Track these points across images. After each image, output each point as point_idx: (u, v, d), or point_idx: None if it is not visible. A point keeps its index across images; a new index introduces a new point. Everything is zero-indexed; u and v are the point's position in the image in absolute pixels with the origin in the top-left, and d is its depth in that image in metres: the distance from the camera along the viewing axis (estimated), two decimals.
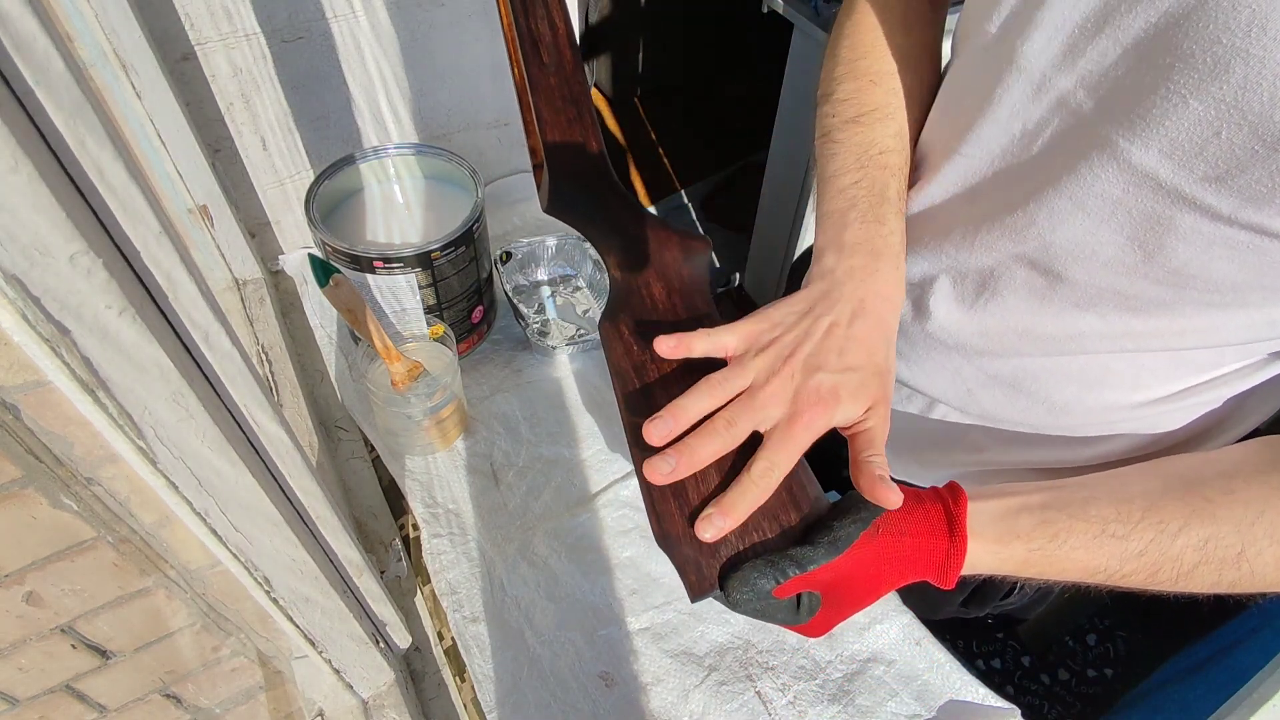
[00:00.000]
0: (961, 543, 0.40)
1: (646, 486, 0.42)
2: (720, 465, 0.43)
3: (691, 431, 0.43)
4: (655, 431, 0.42)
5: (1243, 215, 0.39)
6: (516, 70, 0.56)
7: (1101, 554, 0.40)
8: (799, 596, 0.41)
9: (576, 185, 0.52)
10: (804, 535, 0.42)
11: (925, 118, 0.57)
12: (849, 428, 0.45)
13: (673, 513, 0.42)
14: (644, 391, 0.46)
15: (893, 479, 0.42)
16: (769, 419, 0.43)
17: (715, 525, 0.41)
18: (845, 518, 0.41)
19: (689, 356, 0.46)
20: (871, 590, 0.42)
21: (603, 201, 0.52)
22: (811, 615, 0.42)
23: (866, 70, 0.56)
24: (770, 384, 0.44)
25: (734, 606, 0.41)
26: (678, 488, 0.43)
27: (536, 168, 0.55)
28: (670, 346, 0.45)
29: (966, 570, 0.41)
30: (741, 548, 0.42)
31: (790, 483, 0.44)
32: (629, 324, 0.48)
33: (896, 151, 0.54)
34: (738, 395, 0.44)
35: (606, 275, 0.52)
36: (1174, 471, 0.43)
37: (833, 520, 0.42)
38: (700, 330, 0.46)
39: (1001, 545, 0.41)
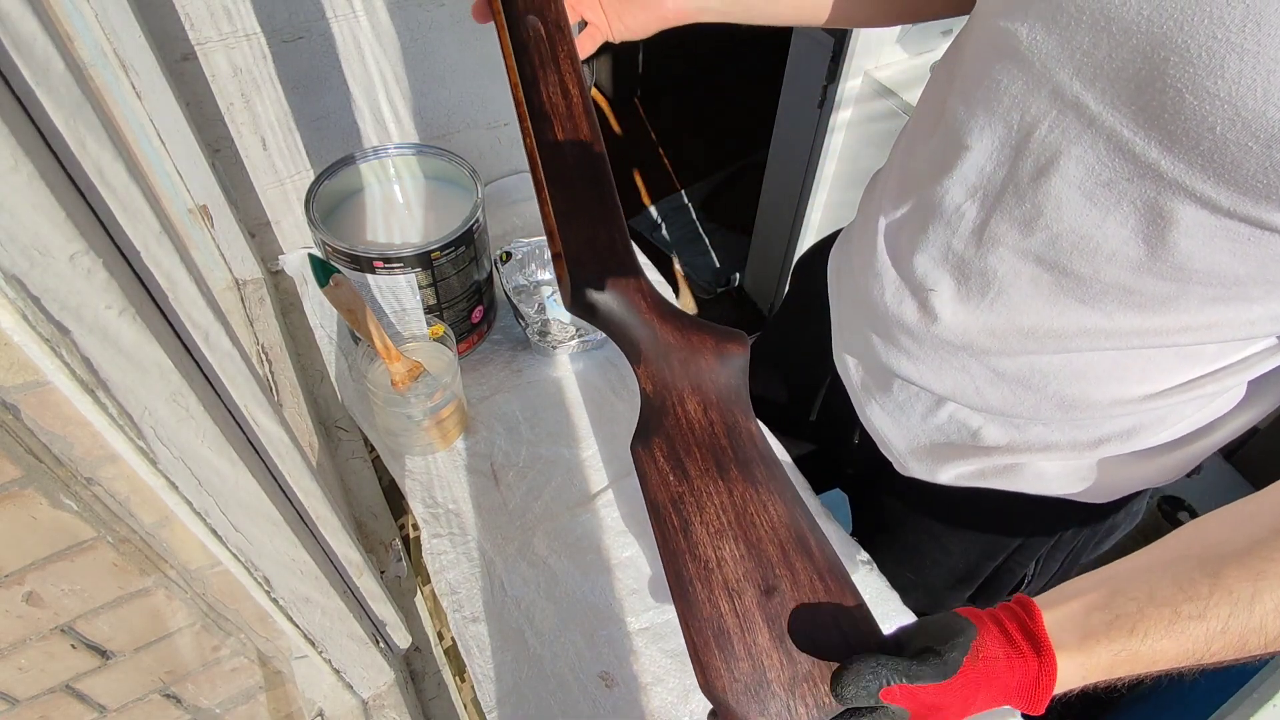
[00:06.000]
0: (1050, 660, 0.39)
1: (689, 638, 0.40)
2: (766, 617, 0.41)
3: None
4: None
5: (1241, 209, 0.39)
6: (528, 142, 0.50)
7: (1185, 638, 0.38)
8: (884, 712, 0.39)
9: (599, 286, 0.46)
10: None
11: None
12: None
13: (718, 665, 0.40)
14: (683, 529, 0.42)
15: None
16: None
17: None
18: (948, 643, 0.39)
19: None
20: (958, 716, 0.40)
21: (629, 304, 0.46)
22: None
23: None
24: None
25: (843, 700, 0.38)
26: (722, 638, 0.41)
27: (555, 257, 0.49)
28: None
29: (1057, 690, 0.39)
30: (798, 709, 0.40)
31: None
32: (664, 448, 0.44)
33: None
34: None
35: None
36: (1220, 536, 0.41)
37: (932, 643, 0.39)
38: None
39: (1085, 653, 0.39)
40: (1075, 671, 0.39)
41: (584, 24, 0.60)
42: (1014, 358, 0.55)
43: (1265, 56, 0.35)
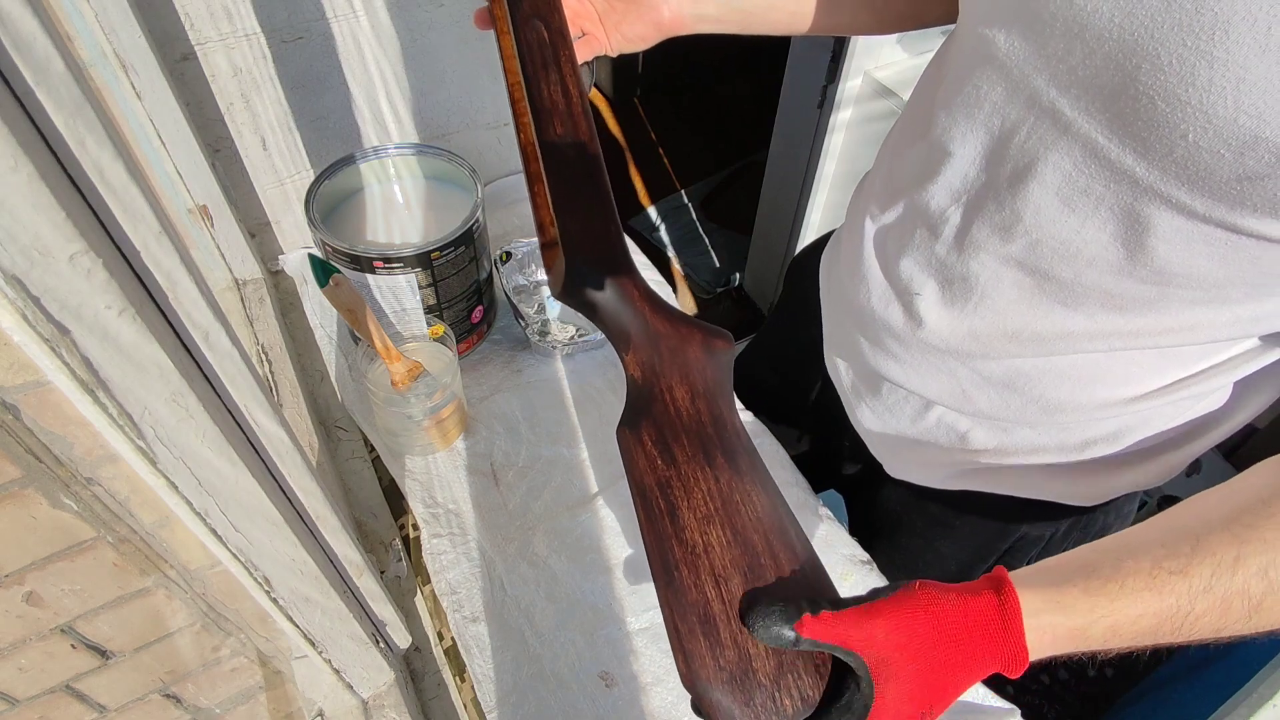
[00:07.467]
0: (1010, 592, 0.36)
1: (673, 625, 0.39)
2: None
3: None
4: None
5: (1216, 214, 0.40)
6: (524, 137, 0.51)
7: (1166, 592, 0.36)
8: (847, 686, 0.37)
9: (594, 272, 0.47)
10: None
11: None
12: None
13: (703, 653, 0.39)
14: (670, 513, 0.42)
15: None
16: None
17: None
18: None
19: None
20: (935, 670, 0.36)
21: (622, 292, 0.47)
22: (866, 705, 0.36)
23: None
24: None
25: (755, 632, 0.37)
26: (708, 625, 0.39)
27: (545, 246, 0.50)
28: None
29: (1034, 646, 0.36)
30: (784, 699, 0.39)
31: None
32: (652, 433, 0.44)
33: None
34: None
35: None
36: (1202, 509, 0.40)
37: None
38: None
39: (1058, 591, 0.37)
40: (1052, 618, 0.36)
41: (581, 35, 0.62)
42: (998, 361, 0.55)
43: (1234, 64, 0.35)
